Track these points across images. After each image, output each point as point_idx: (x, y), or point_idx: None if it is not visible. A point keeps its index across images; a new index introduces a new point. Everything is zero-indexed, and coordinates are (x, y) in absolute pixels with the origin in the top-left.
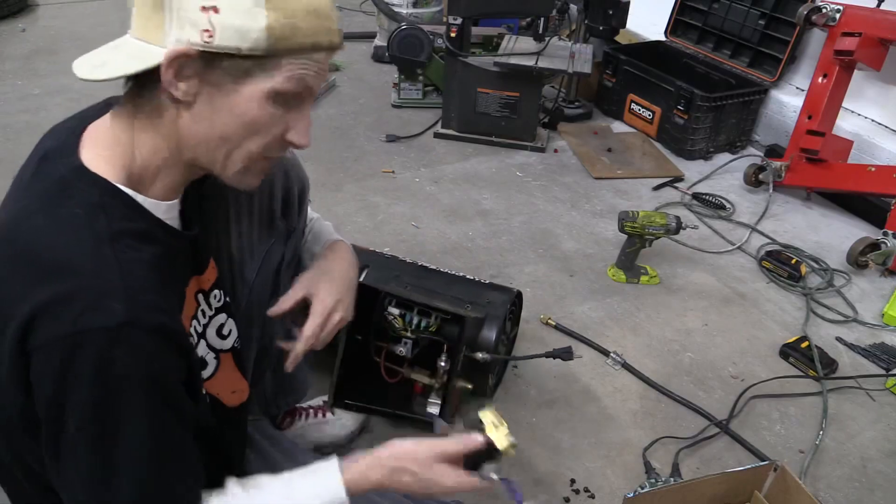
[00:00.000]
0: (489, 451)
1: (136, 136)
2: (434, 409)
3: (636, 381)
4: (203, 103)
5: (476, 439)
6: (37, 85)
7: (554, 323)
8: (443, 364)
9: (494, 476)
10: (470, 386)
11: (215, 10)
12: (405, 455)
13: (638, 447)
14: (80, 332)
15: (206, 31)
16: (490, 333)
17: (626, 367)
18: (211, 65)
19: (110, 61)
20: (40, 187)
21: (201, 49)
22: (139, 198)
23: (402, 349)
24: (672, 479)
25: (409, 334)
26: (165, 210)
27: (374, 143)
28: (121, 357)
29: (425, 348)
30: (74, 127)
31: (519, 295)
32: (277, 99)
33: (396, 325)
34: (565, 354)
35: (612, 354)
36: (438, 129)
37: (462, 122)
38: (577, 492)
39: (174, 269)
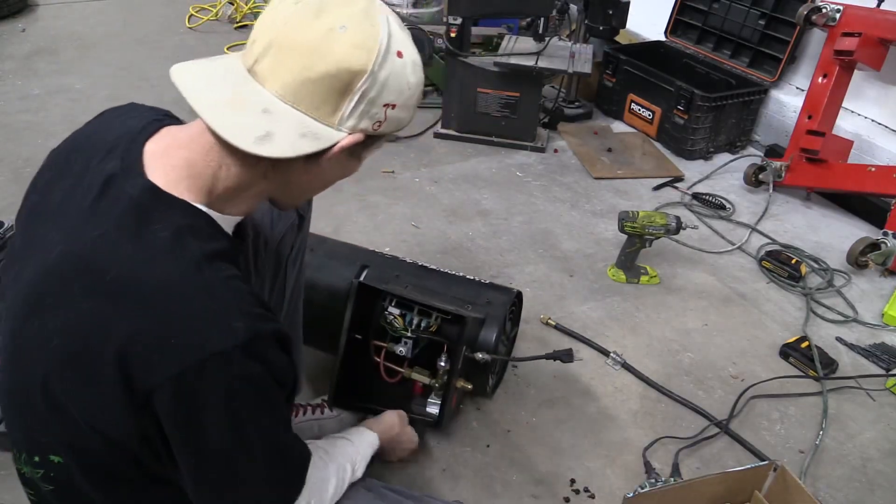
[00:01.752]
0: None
1: (227, 169)
2: (434, 409)
3: (636, 381)
4: (331, 166)
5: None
6: (37, 85)
7: (554, 323)
8: (443, 364)
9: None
10: (470, 386)
11: (393, 106)
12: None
13: (638, 447)
14: (211, 356)
15: (379, 122)
16: (490, 334)
17: (626, 367)
18: (363, 144)
19: (276, 134)
20: (113, 212)
21: (368, 134)
22: (216, 216)
23: (401, 349)
24: (672, 479)
25: (409, 334)
26: (229, 223)
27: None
28: (254, 369)
29: (425, 348)
30: (127, 144)
31: (519, 295)
32: None
33: (396, 325)
34: (565, 357)
35: (612, 354)
36: (438, 129)
37: (462, 122)
38: (577, 492)
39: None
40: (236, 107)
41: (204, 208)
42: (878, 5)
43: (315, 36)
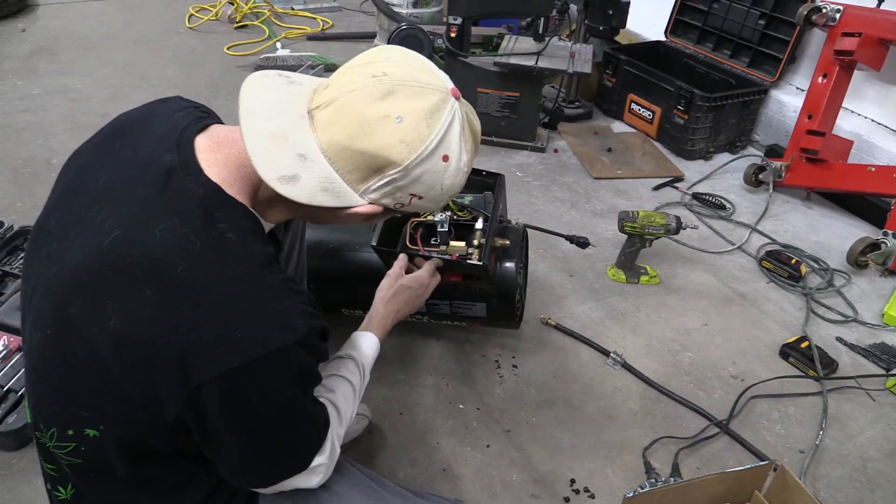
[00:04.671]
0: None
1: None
2: (475, 262)
3: (636, 381)
4: (347, 217)
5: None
6: (37, 85)
7: (554, 323)
8: (479, 228)
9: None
10: (508, 242)
11: (420, 197)
12: (382, 288)
13: (638, 447)
14: (274, 351)
15: (402, 204)
16: (510, 265)
17: (626, 366)
18: (381, 213)
19: (301, 179)
20: (178, 207)
21: (388, 208)
22: (263, 222)
23: (441, 223)
24: (672, 479)
25: (445, 212)
26: (266, 228)
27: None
28: (305, 360)
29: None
30: (178, 138)
31: (525, 232)
32: None
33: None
34: (582, 242)
35: (612, 354)
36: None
37: None
38: (577, 492)
39: None
40: (279, 142)
41: (256, 214)
42: (878, 5)
43: (371, 115)
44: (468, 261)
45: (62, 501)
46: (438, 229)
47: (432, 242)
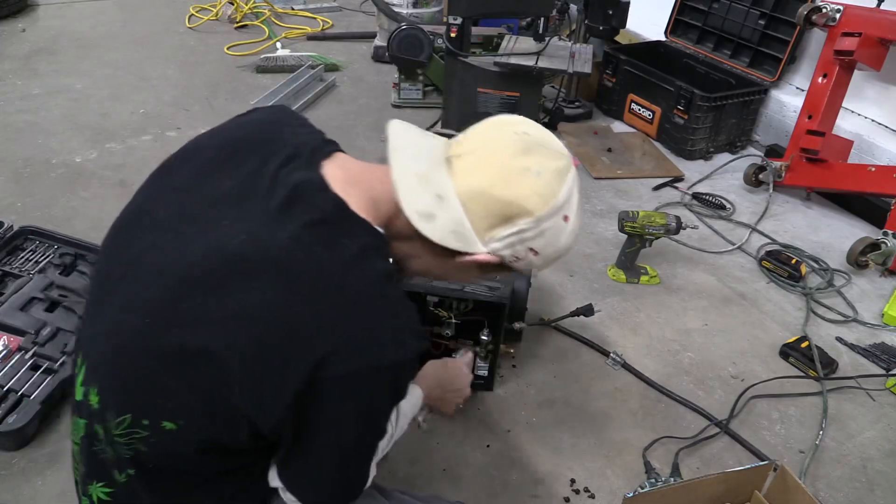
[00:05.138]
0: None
1: (402, 215)
2: (483, 373)
3: (636, 381)
4: (455, 267)
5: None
6: (37, 85)
7: (554, 323)
8: (485, 337)
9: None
10: (511, 350)
11: (536, 253)
12: (446, 363)
13: (638, 447)
14: (390, 364)
15: (517, 258)
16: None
17: (626, 367)
18: (492, 266)
19: (437, 219)
20: (304, 218)
21: (501, 261)
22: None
23: (447, 331)
24: (672, 479)
25: (452, 319)
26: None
27: (374, 143)
28: (404, 380)
29: (464, 326)
30: (308, 157)
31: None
32: None
33: (441, 315)
34: (587, 312)
35: (612, 354)
36: (438, 129)
37: (462, 122)
38: (577, 492)
39: None
40: (422, 182)
41: (382, 231)
42: (878, 5)
43: (513, 167)
44: (476, 372)
45: (116, 484)
46: (444, 333)
47: (445, 334)
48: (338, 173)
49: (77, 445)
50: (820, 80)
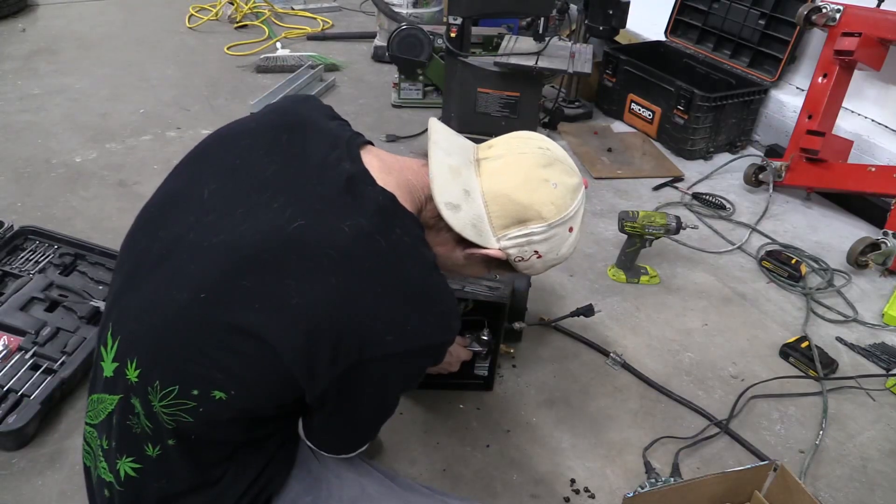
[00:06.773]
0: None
1: (431, 203)
2: (483, 373)
3: (636, 381)
4: (465, 259)
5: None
6: (37, 85)
7: (554, 323)
8: (485, 338)
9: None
10: (511, 350)
11: (539, 256)
12: None
13: (638, 447)
14: (433, 344)
15: (521, 258)
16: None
17: (626, 367)
18: (497, 263)
19: (462, 210)
20: (363, 209)
21: (506, 259)
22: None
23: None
24: (672, 479)
25: None
26: None
27: (374, 143)
28: (444, 354)
29: (464, 324)
30: (346, 148)
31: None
32: None
33: None
34: (587, 312)
35: (612, 354)
36: None
37: (462, 122)
38: (577, 492)
39: None
40: (454, 175)
41: (422, 224)
42: (878, 5)
43: (535, 177)
44: (476, 372)
45: (147, 459)
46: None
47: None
48: (374, 162)
49: (93, 426)
50: (820, 80)
